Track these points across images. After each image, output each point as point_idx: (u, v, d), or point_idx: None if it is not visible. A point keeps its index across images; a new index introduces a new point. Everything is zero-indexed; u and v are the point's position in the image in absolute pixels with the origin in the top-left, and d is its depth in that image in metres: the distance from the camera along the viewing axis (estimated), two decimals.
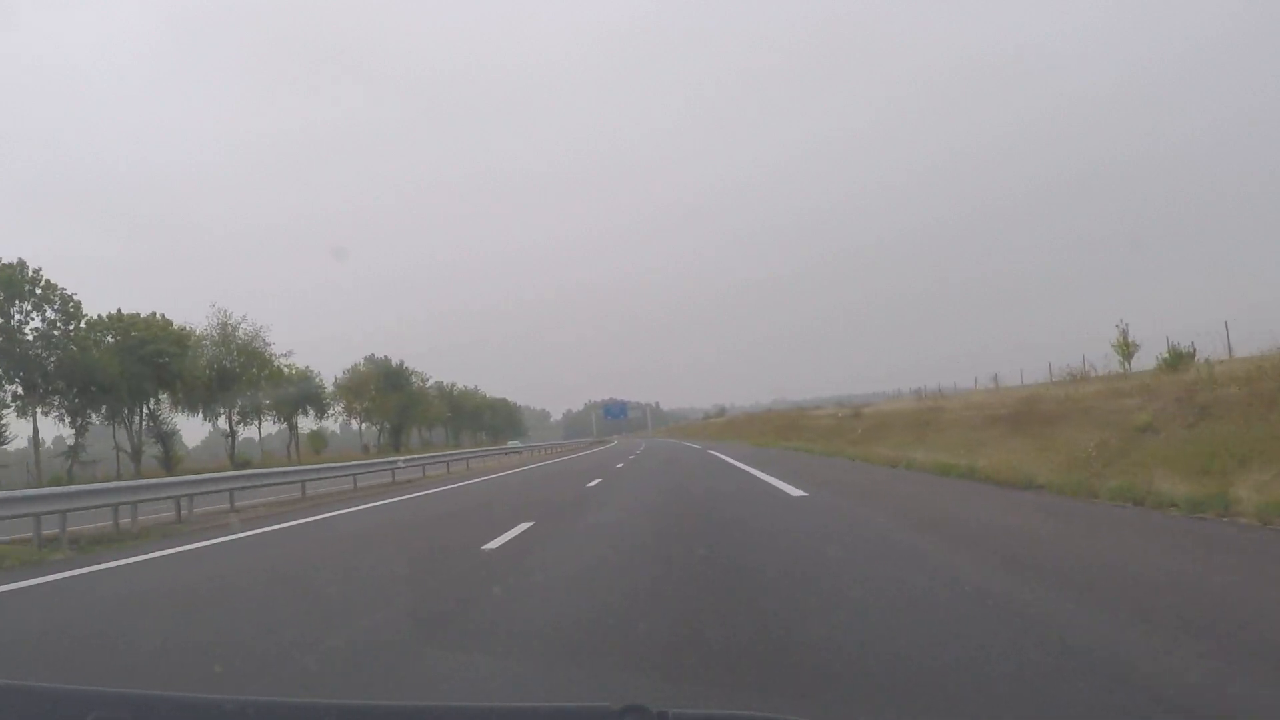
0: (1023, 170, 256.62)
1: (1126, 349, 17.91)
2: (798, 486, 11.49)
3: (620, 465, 23.59)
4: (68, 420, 39.78)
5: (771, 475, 13.90)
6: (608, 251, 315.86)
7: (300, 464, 32.24)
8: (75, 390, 38.23)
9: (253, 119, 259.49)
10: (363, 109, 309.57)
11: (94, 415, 41.11)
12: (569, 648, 3.85)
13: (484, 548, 7.28)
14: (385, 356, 74.56)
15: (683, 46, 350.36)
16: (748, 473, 15.45)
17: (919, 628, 3.76)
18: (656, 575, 5.56)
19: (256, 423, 53.65)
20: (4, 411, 36.30)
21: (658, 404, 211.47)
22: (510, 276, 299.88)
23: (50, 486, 17.04)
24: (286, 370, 52.54)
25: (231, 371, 47.00)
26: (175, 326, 45.42)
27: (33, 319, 37.68)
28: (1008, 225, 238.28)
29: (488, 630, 4.25)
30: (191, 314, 78.35)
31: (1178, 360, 14.35)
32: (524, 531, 8.35)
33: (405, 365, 75.63)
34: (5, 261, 36.62)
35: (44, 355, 37.42)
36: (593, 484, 15.67)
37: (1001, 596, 4.22)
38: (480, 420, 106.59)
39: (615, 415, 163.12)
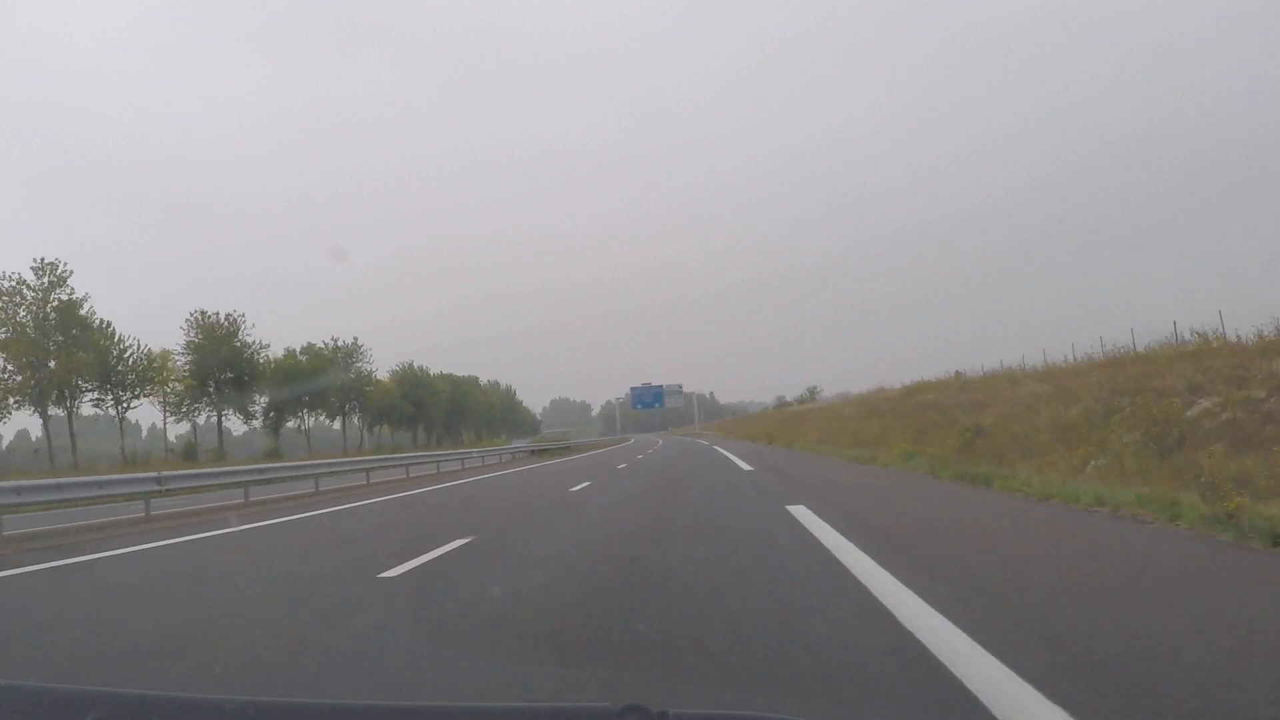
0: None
1: None
2: None
3: None
4: None
5: None
6: (652, 234, 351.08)
7: None
8: None
9: (263, 94, 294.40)
10: (375, 86, 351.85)
11: None
12: None
13: None
14: None
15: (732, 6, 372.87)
16: None
17: None
18: None
19: None
20: None
21: (711, 394, 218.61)
22: (549, 263, 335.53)
23: None
24: None
25: None
26: None
27: None
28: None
29: None
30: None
31: None
32: None
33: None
34: None
35: None
36: None
37: None
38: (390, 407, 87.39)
39: (647, 404, 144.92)
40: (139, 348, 54.79)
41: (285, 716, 1.60)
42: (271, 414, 69.38)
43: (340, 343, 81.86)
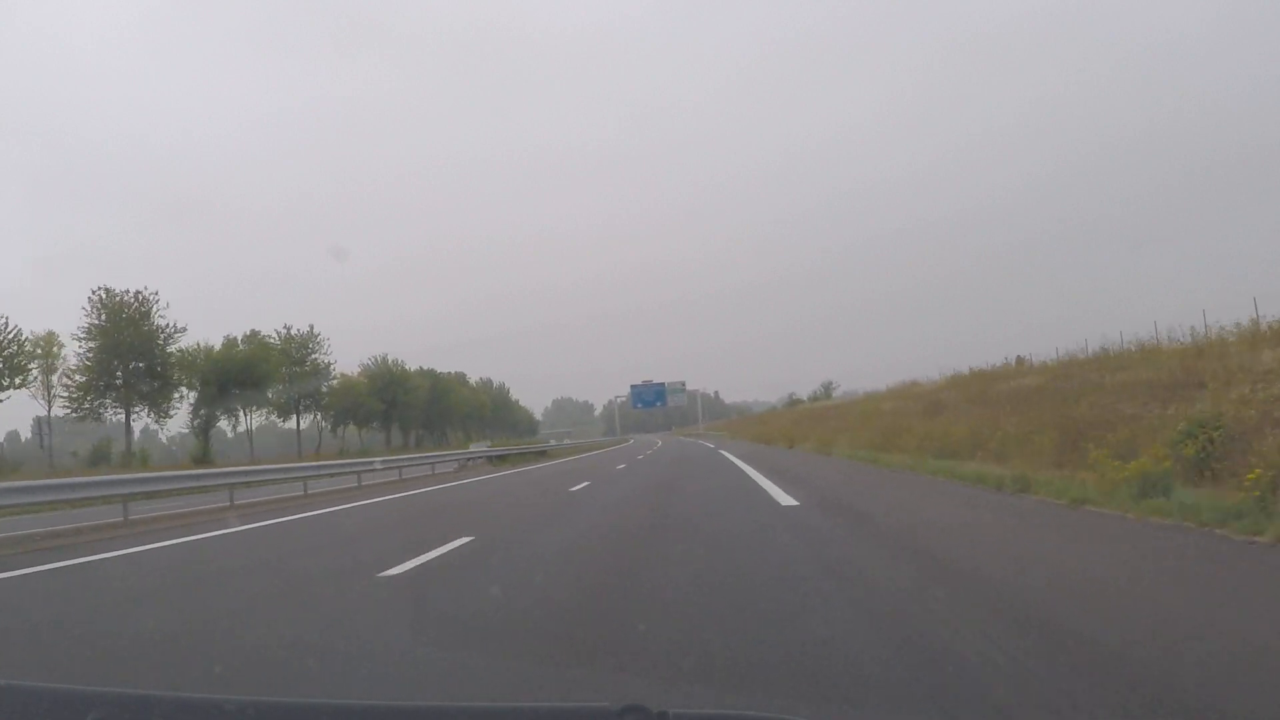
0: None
1: None
2: None
3: None
4: None
5: None
6: (653, 234, 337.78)
7: None
8: None
9: (263, 94, 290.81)
10: (375, 86, 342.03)
11: None
12: None
13: None
14: None
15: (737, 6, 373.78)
16: None
17: None
18: None
19: None
20: None
21: (716, 393, 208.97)
22: (550, 263, 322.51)
23: None
24: None
25: None
26: None
27: None
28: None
29: None
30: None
31: None
32: None
33: None
34: None
35: None
36: None
37: None
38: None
39: (648, 403, 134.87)
40: (6, 327, 44.45)
41: (285, 716, 1.58)
42: (202, 412, 58.99)
43: (294, 331, 71.42)
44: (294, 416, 71.74)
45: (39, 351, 47.25)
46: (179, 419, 59.58)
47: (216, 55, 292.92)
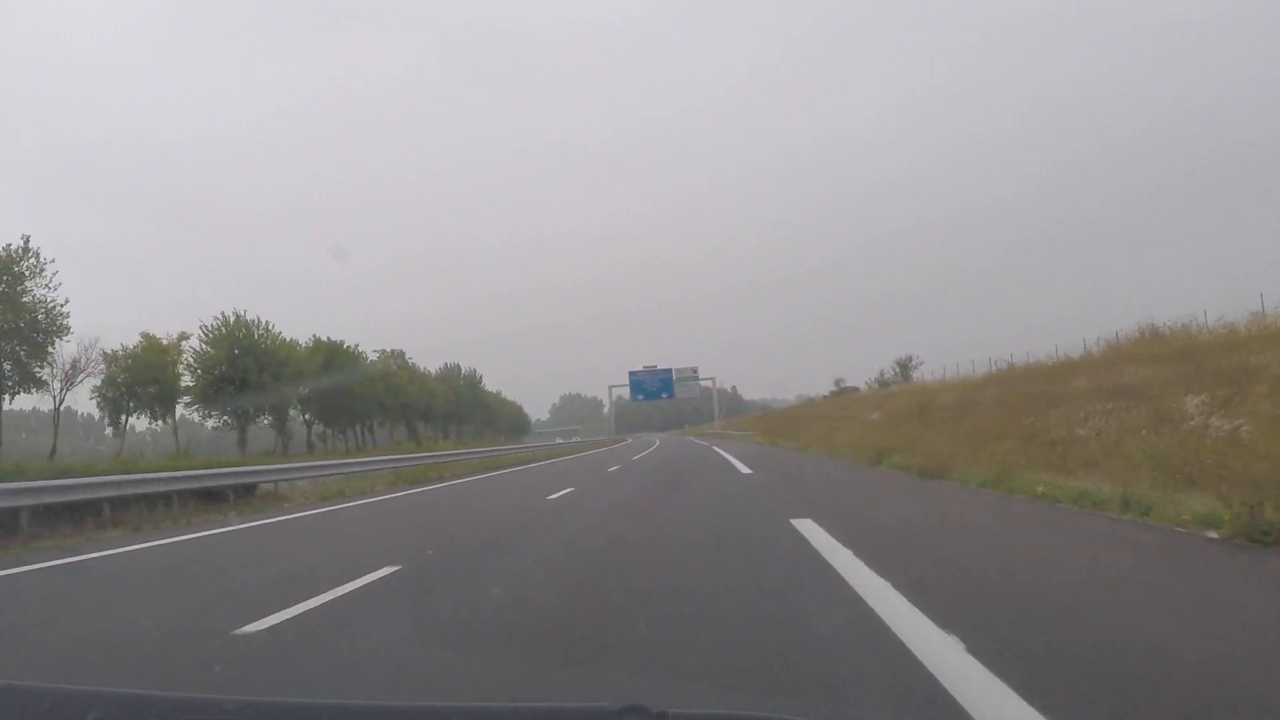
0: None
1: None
2: None
3: None
4: None
5: None
6: (657, 233, 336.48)
7: None
8: None
9: (263, 94, 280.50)
10: (376, 86, 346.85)
11: None
12: None
13: None
14: None
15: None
16: None
17: None
18: None
19: None
20: None
21: (734, 388, 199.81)
22: (552, 261, 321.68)
23: None
24: None
25: None
26: None
27: None
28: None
29: None
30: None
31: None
32: None
33: None
34: None
35: None
36: None
37: None
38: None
39: (652, 394, 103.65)
40: None
41: (285, 716, 1.56)
42: None
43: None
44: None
45: None
46: None
47: (216, 55, 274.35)
